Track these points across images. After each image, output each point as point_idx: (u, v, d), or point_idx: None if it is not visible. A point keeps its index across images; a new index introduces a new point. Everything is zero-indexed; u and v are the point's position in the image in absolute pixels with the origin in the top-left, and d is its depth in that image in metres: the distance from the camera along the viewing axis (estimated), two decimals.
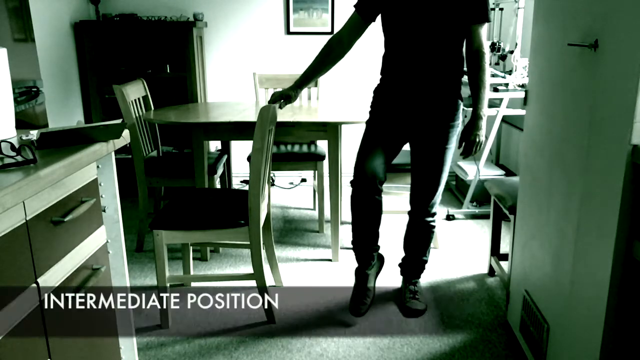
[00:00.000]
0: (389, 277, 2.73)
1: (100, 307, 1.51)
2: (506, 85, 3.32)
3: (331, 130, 2.77)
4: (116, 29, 3.85)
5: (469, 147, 2.15)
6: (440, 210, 3.47)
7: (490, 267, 2.75)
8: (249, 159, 2.70)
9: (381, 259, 2.52)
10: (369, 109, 2.29)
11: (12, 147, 1.22)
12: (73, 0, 3.77)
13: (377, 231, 2.35)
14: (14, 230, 1.09)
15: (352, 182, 2.25)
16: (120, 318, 1.68)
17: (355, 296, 2.35)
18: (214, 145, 4.23)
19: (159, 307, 2.33)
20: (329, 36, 2.32)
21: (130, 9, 4.02)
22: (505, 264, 2.61)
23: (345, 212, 3.47)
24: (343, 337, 2.23)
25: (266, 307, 2.32)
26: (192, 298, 2.56)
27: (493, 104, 3.46)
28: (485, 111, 2.13)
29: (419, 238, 2.42)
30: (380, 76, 2.28)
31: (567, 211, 1.63)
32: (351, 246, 2.40)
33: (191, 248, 2.61)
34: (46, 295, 1.21)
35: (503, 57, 3.63)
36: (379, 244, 2.39)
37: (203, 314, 2.41)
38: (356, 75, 4.15)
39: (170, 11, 4.05)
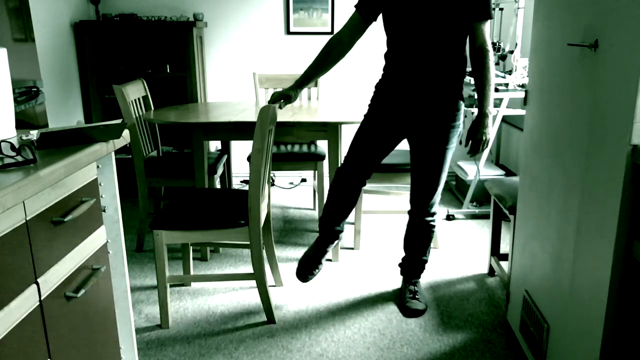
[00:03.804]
0: (389, 277, 2.73)
1: (100, 307, 1.51)
2: (506, 85, 3.32)
3: (331, 130, 2.77)
4: (116, 29, 3.85)
5: (476, 146, 2.14)
6: (440, 210, 3.47)
7: (490, 267, 2.75)
8: (249, 159, 2.70)
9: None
10: (369, 103, 2.29)
11: (12, 147, 1.22)
12: (73, 0, 3.77)
13: (348, 214, 2.38)
14: (14, 230, 1.09)
15: (339, 169, 2.27)
16: (120, 318, 1.68)
17: (307, 264, 2.39)
18: (214, 145, 4.24)
19: (159, 307, 2.33)
20: (329, 36, 2.31)
21: (130, 9, 4.03)
22: (505, 264, 2.61)
23: None
24: (343, 337, 2.23)
25: (266, 307, 2.32)
26: (192, 298, 2.57)
27: (493, 103, 3.46)
28: (491, 109, 2.13)
29: (418, 238, 2.42)
30: (382, 72, 2.28)
31: (567, 211, 1.63)
32: (322, 223, 2.40)
33: (191, 248, 2.61)
34: (46, 295, 1.21)
35: (503, 57, 3.63)
36: (344, 224, 2.42)
37: (203, 314, 2.41)
38: (356, 75, 4.15)
39: (170, 11, 4.06)
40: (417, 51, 2.12)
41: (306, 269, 2.39)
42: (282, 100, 2.26)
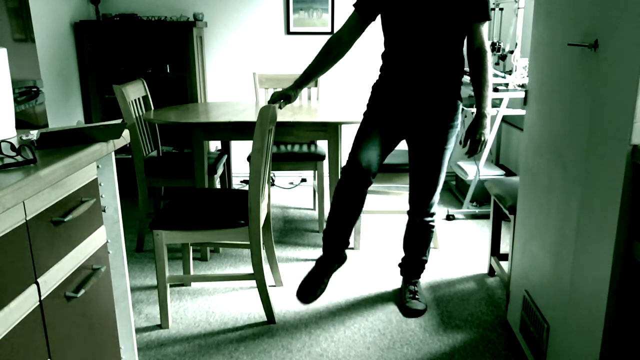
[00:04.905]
0: (389, 277, 2.73)
1: (100, 307, 1.51)
2: (506, 85, 3.32)
3: (331, 130, 2.77)
4: (116, 29, 3.85)
5: (474, 146, 2.14)
6: (440, 210, 3.47)
7: (490, 267, 2.75)
8: (249, 159, 2.70)
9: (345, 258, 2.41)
10: (367, 103, 2.29)
11: (12, 147, 1.22)
12: (73, 0, 3.77)
13: (353, 227, 2.26)
14: (14, 230, 1.09)
15: (343, 170, 2.17)
16: (120, 318, 1.68)
17: (310, 284, 2.25)
18: (214, 145, 4.24)
19: (159, 307, 2.33)
20: (329, 36, 2.32)
21: (130, 9, 4.03)
22: (505, 264, 2.61)
23: None
24: (343, 337, 2.23)
25: (266, 307, 2.32)
26: (192, 298, 2.57)
27: (493, 104, 3.45)
28: (490, 110, 2.13)
29: (418, 238, 2.42)
30: (379, 72, 2.28)
31: (567, 211, 1.63)
32: (326, 237, 2.28)
33: (191, 248, 2.61)
34: (46, 295, 1.21)
35: (503, 57, 3.63)
36: (349, 241, 2.30)
37: (203, 314, 2.41)
38: (356, 75, 4.15)
39: (170, 11, 4.05)
40: (415, 51, 2.12)
41: (308, 290, 2.24)
42: (282, 100, 2.26)
